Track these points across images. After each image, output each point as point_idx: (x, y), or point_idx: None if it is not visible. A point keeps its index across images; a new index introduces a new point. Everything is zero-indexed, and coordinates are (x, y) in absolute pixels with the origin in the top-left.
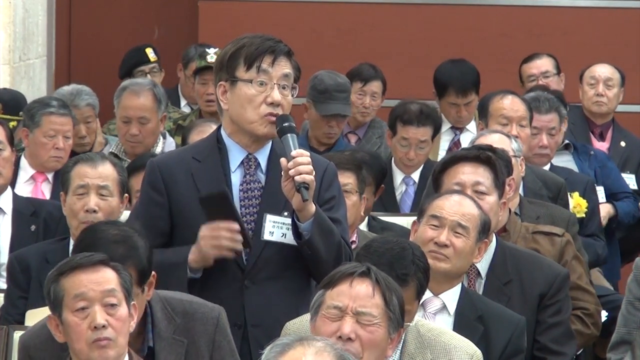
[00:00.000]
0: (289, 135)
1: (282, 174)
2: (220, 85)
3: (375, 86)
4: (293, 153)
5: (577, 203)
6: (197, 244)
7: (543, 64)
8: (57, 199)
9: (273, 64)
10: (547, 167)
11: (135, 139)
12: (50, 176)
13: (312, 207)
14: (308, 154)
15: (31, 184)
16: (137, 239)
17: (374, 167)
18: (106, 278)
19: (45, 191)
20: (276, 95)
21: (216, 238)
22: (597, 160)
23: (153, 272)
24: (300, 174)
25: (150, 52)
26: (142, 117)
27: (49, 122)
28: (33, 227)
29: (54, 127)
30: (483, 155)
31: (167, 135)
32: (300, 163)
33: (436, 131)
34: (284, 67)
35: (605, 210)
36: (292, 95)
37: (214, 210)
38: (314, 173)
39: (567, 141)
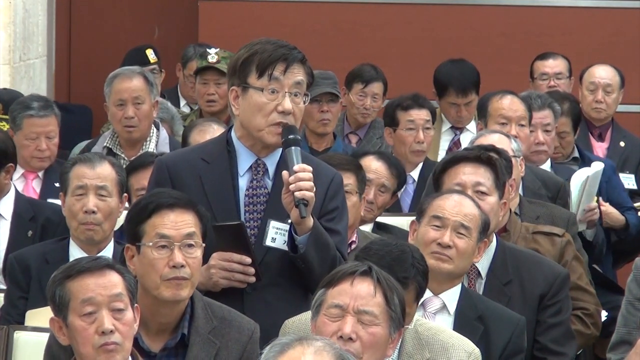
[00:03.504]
0: (292, 148)
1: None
2: (232, 90)
3: (376, 87)
4: (295, 167)
5: None
6: (207, 269)
7: (557, 65)
8: (46, 196)
9: (285, 72)
10: (547, 165)
11: (132, 122)
12: (40, 173)
13: (310, 222)
14: (310, 169)
15: (22, 182)
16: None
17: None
18: (113, 282)
19: (35, 188)
20: (287, 104)
21: (228, 271)
22: (603, 175)
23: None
24: (301, 189)
25: (150, 54)
26: (137, 97)
27: (29, 124)
28: (30, 233)
29: (34, 130)
30: (484, 156)
31: (160, 126)
32: (302, 179)
33: (434, 117)
34: (296, 74)
35: (620, 219)
36: (304, 103)
37: (228, 239)
38: (314, 189)
39: (576, 154)
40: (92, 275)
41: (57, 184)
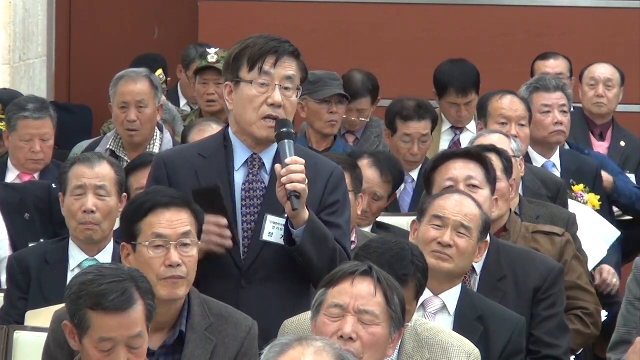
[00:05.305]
0: (285, 141)
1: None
2: (226, 85)
3: (361, 104)
4: (287, 160)
5: (591, 205)
6: None
7: (558, 65)
8: None
9: (275, 65)
10: (556, 155)
11: (134, 126)
12: (36, 174)
13: (305, 215)
14: (303, 161)
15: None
16: None
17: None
18: (134, 321)
19: None
20: (277, 96)
21: (205, 233)
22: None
23: None
24: (292, 181)
25: (160, 74)
26: (140, 101)
27: (24, 126)
28: (27, 216)
29: (29, 132)
30: (473, 151)
31: (164, 129)
32: (293, 171)
33: (434, 124)
34: (287, 68)
35: (605, 177)
36: (297, 96)
37: (206, 204)
38: (306, 181)
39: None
40: (116, 314)
41: (53, 185)
